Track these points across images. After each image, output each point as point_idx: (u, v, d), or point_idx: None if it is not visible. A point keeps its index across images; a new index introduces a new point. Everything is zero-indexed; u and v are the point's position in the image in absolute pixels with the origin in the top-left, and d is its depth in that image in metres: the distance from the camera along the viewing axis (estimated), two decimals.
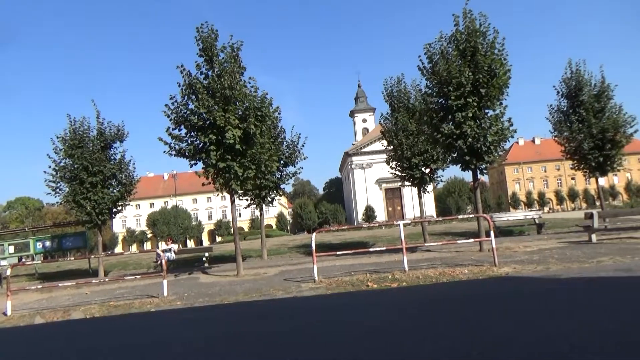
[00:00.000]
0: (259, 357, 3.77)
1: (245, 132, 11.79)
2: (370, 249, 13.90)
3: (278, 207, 65.94)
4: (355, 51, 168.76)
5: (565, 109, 18.06)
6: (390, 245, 14.46)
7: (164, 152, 12.29)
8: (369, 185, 61.36)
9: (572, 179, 78.78)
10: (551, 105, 18.35)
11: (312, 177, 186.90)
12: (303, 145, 17.69)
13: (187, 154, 12.23)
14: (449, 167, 16.48)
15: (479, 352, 3.21)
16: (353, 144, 66.76)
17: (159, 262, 16.94)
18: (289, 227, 72.95)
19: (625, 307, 4.40)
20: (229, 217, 70.38)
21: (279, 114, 15.45)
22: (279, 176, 17.43)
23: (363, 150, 62.05)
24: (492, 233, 9.31)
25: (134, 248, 76.19)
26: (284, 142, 17.50)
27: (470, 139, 11.78)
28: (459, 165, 12.79)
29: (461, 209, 59.83)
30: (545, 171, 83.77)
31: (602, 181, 20.05)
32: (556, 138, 18.43)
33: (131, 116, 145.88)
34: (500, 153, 12.85)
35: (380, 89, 17.39)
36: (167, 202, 78.67)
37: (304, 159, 17.75)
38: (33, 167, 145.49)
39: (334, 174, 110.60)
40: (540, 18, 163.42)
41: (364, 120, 71.86)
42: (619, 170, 18.41)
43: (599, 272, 6.89)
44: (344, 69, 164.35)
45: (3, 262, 18.75)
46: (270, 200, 17.61)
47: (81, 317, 7.71)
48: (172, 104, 11.94)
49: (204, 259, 17.23)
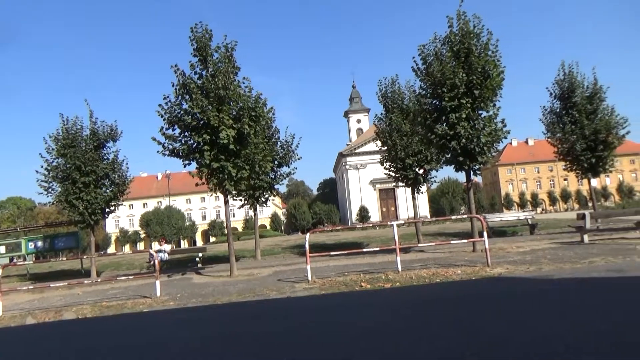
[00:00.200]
0: (255, 357, 3.76)
1: (239, 132, 11.75)
2: (364, 250, 13.90)
3: (272, 208, 65.97)
4: (352, 52, 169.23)
5: (558, 110, 18.19)
6: (384, 246, 14.47)
7: (158, 152, 12.25)
8: (363, 186, 61.49)
9: (565, 180, 79.36)
10: (544, 106, 18.50)
11: (306, 177, 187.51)
12: (297, 146, 17.70)
13: (180, 154, 12.16)
14: (442, 168, 16.54)
15: (474, 352, 3.21)
16: (347, 145, 66.89)
17: (152, 263, 16.82)
18: (283, 228, 72.98)
19: (618, 308, 4.44)
20: (223, 218, 70.29)
21: (273, 114, 15.45)
22: (273, 176, 17.38)
23: (357, 150, 62.18)
24: (485, 233, 9.36)
25: (127, 248, 75.87)
26: (278, 143, 17.48)
27: (463, 140, 11.82)
28: (453, 166, 12.82)
29: (455, 210, 60.24)
30: (538, 172, 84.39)
31: (595, 182, 20.19)
32: (549, 139, 18.54)
33: (125, 116, 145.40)
34: (493, 154, 12.92)
35: (376, 90, 17.44)
36: (161, 202, 78.52)
37: (298, 159, 17.74)
38: (25, 166, 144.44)
39: (328, 174, 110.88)
40: (539, 18, 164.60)
41: (359, 121, 72.05)
42: (611, 172, 18.56)
43: (591, 272, 6.94)
44: (340, 69, 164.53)
45: None
46: (264, 200, 17.57)
47: (73, 318, 7.65)
48: (166, 103, 11.89)
49: (197, 259, 17.16)
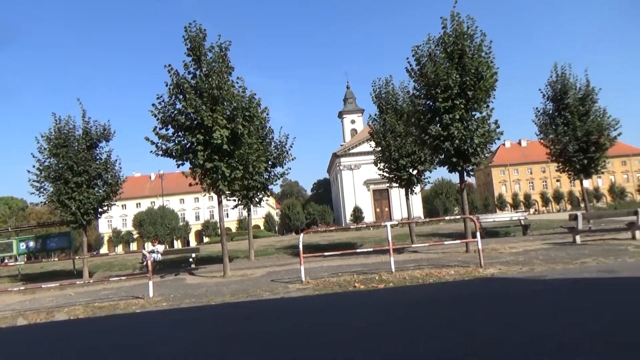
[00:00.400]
0: (249, 358, 3.75)
1: (233, 132, 11.71)
2: (358, 250, 13.93)
3: (266, 208, 65.88)
4: (347, 52, 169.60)
5: (550, 111, 18.27)
6: (377, 246, 14.49)
7: (151, 152, 12.14)
8: (357, 187, 61.56)
9: (558, 181, 80.00)
10: (537, 107, 18.60)
11: (300, 178, 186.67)
12: (291, 146, 17.66)
13: (174, 154, 12.09)
14: (436, 169, 16.57)
15: (472, 352, 3.21)
16: (341, 145, 66.92)
17: (145, 263, 16.74)
18: (276, 228, 72.91)
19: (609, 308, 4.47)
20: (217, 218, 70.14)
21: (267, 114, 15.45)
22: (267, 177, 17.33)
23: (351, 151, 62.27)
24: (478, 234, 9.39)
25: (119, 249, 75.37)
26: (272, 143, 17.42)
27: (457, 141, 11.86)
28: (446, 167, 12.86)
29: (448, 210, 60.47)
30: (531, 173, 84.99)
31: (587, 183, 20.33)
32: (542, 140, 18.62)
33: (119, 115, 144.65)
34: (486, 155, 12.96)
35: (370, 91, 17.46)
36: (154, 202, 78.19)
37: (292, 159, 17.69)
38: (17, 166, 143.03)
39: (322, 175, 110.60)
40: (538, 19, 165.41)
41: (353, 122, 72.14)
42: (602, 173, 18.69)
43: (582, 273, 6.99)
44: (334, 70, 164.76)
45: None
46: (258, 201, 17.50)
47: (65, 319, 7.58)
48: (160, 103, 11.80)
49: (190, 259, 17.10)
